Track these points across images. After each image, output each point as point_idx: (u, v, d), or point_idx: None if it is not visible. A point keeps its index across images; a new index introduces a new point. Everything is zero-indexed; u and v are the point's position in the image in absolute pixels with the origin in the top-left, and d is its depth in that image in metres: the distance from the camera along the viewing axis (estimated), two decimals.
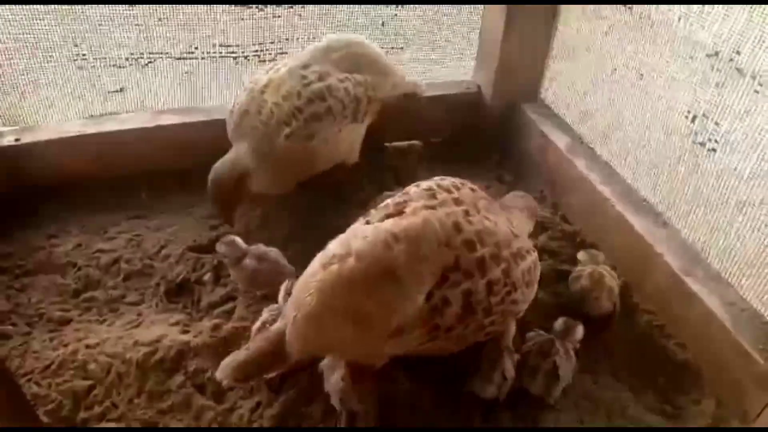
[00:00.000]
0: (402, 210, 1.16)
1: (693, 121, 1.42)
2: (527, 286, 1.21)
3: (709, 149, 1.40)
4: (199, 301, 1.43)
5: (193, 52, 1.75)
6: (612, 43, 1.65)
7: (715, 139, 1.38)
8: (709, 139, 1.39)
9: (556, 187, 1.79)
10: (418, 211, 1.14)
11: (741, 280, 1.34)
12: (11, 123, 1.68)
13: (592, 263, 1.46)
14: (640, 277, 1.48)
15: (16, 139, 1.61)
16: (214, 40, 1.76)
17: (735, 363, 1.25)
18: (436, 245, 1.11)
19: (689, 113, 1.42)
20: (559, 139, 1.77)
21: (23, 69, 1.64)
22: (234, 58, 1.80)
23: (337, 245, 1.14)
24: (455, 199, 1.19)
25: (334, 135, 1.55)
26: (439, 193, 1.19)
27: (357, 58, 1.63)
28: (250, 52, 1.79)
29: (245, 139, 1.49)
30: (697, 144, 1.42)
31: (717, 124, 1.36)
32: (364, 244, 1.10)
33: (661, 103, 1.51)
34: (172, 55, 1.75)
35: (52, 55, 1.66)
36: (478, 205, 1.21)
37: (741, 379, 1.24)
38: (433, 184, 1.23)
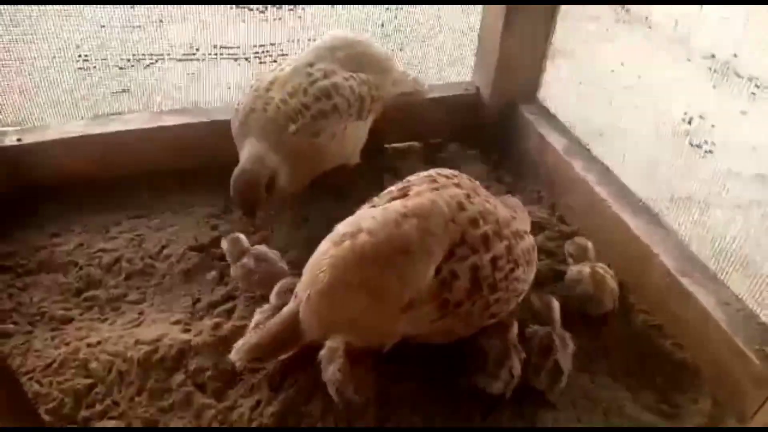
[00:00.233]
0: (406, 193, 1.19)
1: (690, 123, 1.43)
2: (528, 265, 1.25)
3: (705, 151, 1.41)
4: (200, 301, 1.44)
5: (194, 54, 1.76)
6: (610, 44, 1.66)
7: (712, 141, 1.39)
8: (706, 141, 1.40)
9: (553, 187, 1.79)
10: (423, 193, 1.17)
11: (737, 281, 1.35)
12: (13, 123, 1.69)
13: (580, 254, 1.48)
14: (637, 277, 1.49)
15: (18, 139, 1.62)
16: (215, 42, 1.77)
17: (731, 363, 1.26)
18: (443, 222, 1.13)
19: (686, 115, 1.44)
20: (557, 141, 1.77)
21: (26, 69, 1.65)
22: (235, 59, 1.80)
23: (346, 225, 1.15)
24: (456, 184, 1.22)
25: (341, 132, 1.55)
26: (439, 179, 1.23)
27: (360, 57, 1.63)
28: (251, 53, 1.80)
29: (254, 137, 1.47)
30: (693, 145, 1.43)
31: (713, 125, 1.38)
32: (374, 222, 1.11)
33: (658, 105, 1.52)
34: (174, 56, 1.76)
35: (54, 56, 1.66)
36: (477, 191, 1.25)
37: (738, 379, 1.25)
38: (432, 172, 1.26)
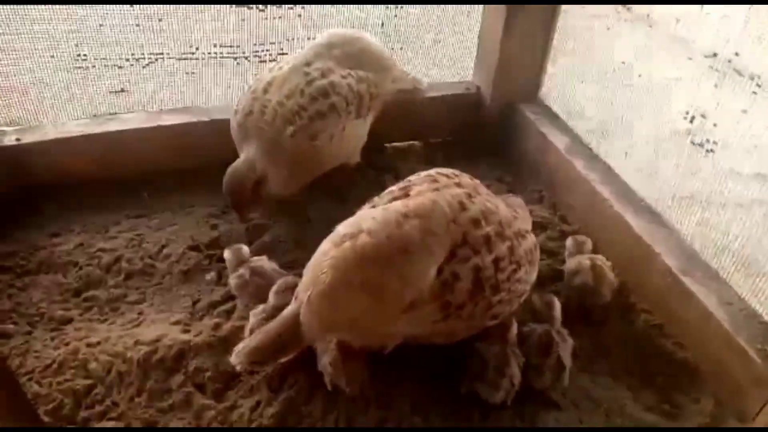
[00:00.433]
0: (407, 193, 1.18)
1: (691, 122, 1.42)
2: (530, 265, 1.24)
3: (707, 150, 1.40)
4: (200, 301, 1.43)
5: (193, 53, 1.76)
6: (611, 43, 1.65)
7: (714, 140, 1.39)
8: (707, 140, 1.40)
9: (555, 187, 1.79)
10: (424, 193, 1.16)
11: (739, 280, 1.34)
12: (13, 123, 1.69)
13: (579, 251, 1.48)
14: (639, 276, 1.48)
15: (18, 139, 1.61)
16: (214, 41, 1.76)
17: (733, 362, 1.25)
18: (445, 222, 1.12)
19: (688, 114, 1.43)
20: (558, 140, 1.77)
21: (25, 69, 1.65)
22: (234, 58, 1.80)
23: (346, 226, 1.14)
24: (456, 184, 1.21)
25: (339, 132, 1.54)
26: (440, 178, 1.22)
27: (359, 54, 1.63)
28: (250, 52, 1.80)
29: (252, 140, 1.48)
30: (695, 145, 1.43)
31: (715, 124, 1.37)
32: (375, 223, 1.10)
33: (659, 104, 1.51)
34: (173, 55, 1.75)
35: (53, 56, 1.66)
36: (478, 190, 1.24)
37: (739, 379, 1.25)
38: (433, 171, 1.25)
